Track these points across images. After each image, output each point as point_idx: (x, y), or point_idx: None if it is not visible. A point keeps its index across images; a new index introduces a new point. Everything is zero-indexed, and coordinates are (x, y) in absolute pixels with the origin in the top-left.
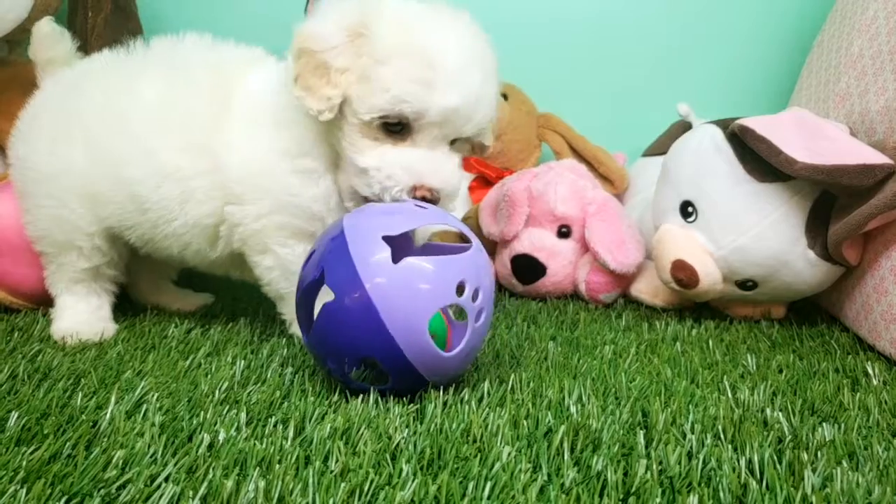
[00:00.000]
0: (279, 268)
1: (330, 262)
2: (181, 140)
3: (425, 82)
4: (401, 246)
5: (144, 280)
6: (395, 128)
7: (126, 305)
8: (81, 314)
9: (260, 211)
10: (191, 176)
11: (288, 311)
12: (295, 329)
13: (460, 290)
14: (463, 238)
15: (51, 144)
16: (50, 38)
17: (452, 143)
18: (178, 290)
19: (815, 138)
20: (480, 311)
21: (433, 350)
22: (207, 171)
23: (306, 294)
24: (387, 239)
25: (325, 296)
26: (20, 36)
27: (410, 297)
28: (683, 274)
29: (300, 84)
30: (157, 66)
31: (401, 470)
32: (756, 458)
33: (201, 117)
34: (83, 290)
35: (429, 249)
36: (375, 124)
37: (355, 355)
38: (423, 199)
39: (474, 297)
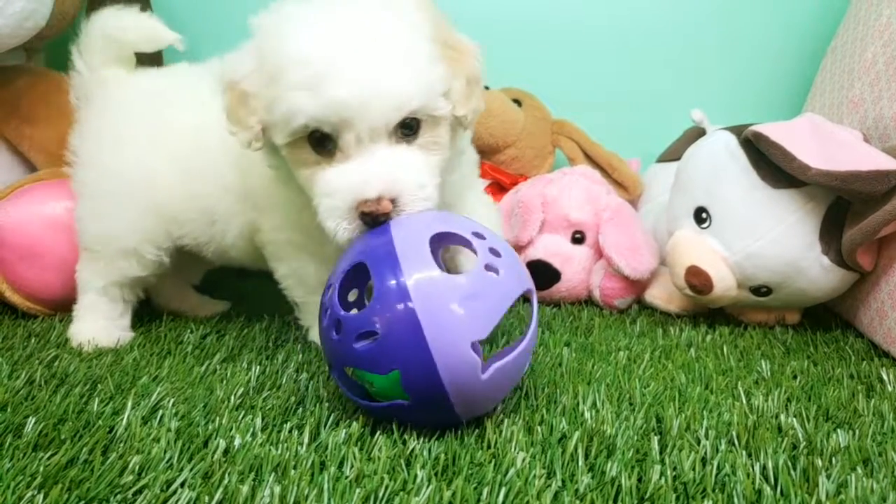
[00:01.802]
0: (294, 277)
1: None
2: (233, 154)
3: (306, 86)
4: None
5: (168, 285)
6: (324, 146)
7: (142, 311)
8: (102, 320)
9: (273, 223)
10: (237, 190)
11: (304, 317)
12: (313, 335)
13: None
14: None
15: (139, 154)
16: (158, 36)
17: (410, 139)
18: (198, 296)
19: (829, 144)
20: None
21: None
22: (240, 185)
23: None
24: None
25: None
26: (38, 44)
27: (492, 394)
28: (697, 280)
29: (231, 119)
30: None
31: (415, 476)
32: (770, 464)
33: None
34: (115, 293)
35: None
36: (300, 147)
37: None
38: (376, 214)
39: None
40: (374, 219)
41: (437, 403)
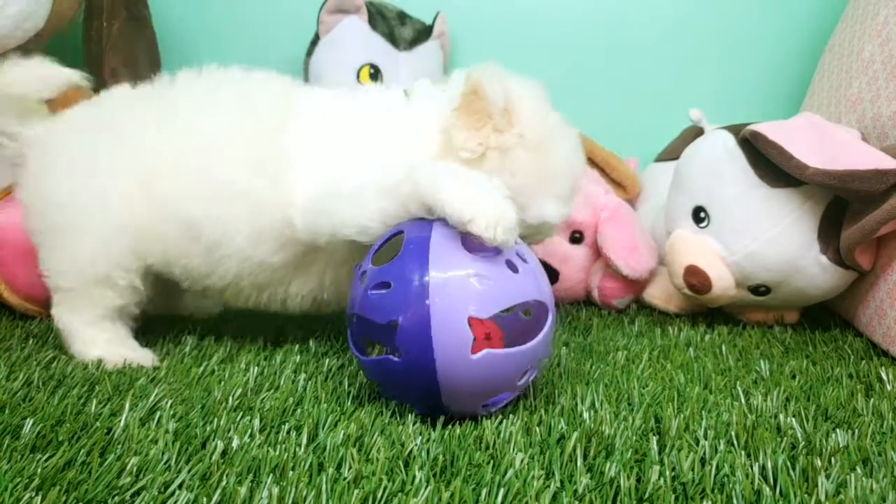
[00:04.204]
0: (325, 212)
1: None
2: (248, 156)
3: (544, 190)
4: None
5: (159, 289)
6: None
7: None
8: (113, 345)
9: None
10: (257, 189)
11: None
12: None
13: (522, 376)
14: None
15: (92, 176)
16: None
17: None
18: (194, 296)
19: (827, 143)
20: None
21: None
22: (270, 182)
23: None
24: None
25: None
26: (36, 45)
27: (479, 383)
28: (696, 279)
29: (458, 113)
30: (225, 90)
31: (414, 477)
32: (769, 464)
33: (264, 135)
34: (109, 325)
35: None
36: None
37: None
38: None
39: (525, 378)
40: None
41: (424, 367)
